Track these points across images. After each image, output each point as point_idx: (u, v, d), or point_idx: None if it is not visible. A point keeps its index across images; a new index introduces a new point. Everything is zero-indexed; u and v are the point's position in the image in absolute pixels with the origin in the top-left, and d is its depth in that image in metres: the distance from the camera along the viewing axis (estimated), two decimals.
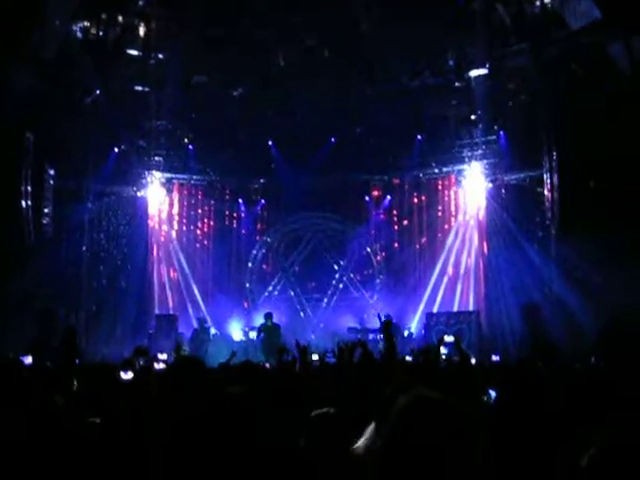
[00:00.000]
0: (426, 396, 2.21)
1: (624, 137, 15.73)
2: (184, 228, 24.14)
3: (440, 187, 23.43)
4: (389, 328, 6.34)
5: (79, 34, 19.66)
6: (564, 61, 18.43)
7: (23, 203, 18.35)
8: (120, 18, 20.46)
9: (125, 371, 7.45)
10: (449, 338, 12.36)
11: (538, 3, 18.86)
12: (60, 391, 5.86)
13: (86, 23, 19.89)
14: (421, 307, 22.21)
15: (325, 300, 24.19)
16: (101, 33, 20.18)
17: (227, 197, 24.59)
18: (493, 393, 6.05)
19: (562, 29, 18.05)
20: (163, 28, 20.59)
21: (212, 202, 24.42)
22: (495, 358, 15.74)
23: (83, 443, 4.11)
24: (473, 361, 9.97)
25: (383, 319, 6.46)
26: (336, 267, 24.38)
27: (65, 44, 18.77)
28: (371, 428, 3.88)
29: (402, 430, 2.11)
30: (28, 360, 8.73)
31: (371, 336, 20.24)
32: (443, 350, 11.71)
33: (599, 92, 16.46)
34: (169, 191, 23.77)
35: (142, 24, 20.72)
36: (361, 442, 3.78)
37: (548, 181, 19.43)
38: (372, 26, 20.00)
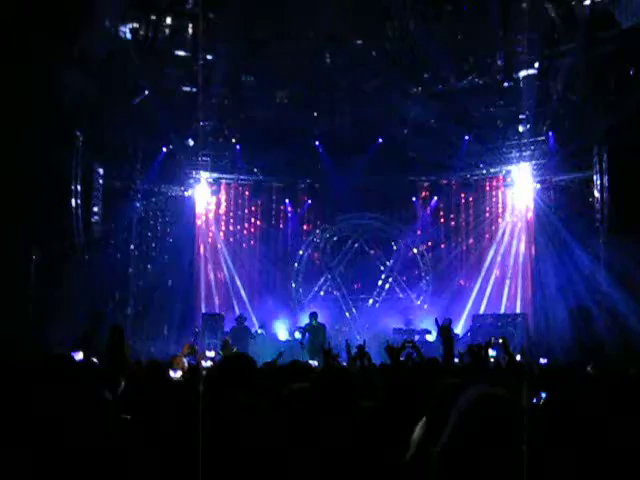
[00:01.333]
0: (490, 392, 2.21)
1: None
2: (231, 228, 24.26)
3: (488, 188, 23.27)
4: (448, 332, 6.33)
5: (128, 35, 19.86)
6: (615, 60, 18.17)
7: (73, 202, 18.55)
8: (168, 19, 20.63)
9: (174, 370, 7.51)
10: (498, 340, 12.26)
11: (588, 2, 18.58)
12: (108, 388, 5.93)
13: (135, 24, 20.09)
14: (467, 308, 22.06)
15: (371, 301, 24.16)
16: (150, 34, 20.36)
17: (274, 197, 24.65)
18: (544, 395, 6.00)
19: (612, 28, 17.79)
20: (211, 29, 20.70)
21: (259, 202, 24.51)
22: (543, 361, 15.56)
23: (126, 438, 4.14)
24: (520, 362, 9.90)
25: (441, 323, 6.45)
26: (382, 268, 24.33)
27: (114, 45, 18.99)
28: (421, 425, 3.86)
29: (469, 423, 2.10)
30: (79, 356, 8.81)
31: (417, 337, 20.16)
32: (492, 352, 11.61)
33: None
34: (216, 191, 23.89)
35: (190, 25, 20.86)
36: (415, 437, 3.76)
37: (598, 182, 19.12)
38: (419, 26, 19.91)
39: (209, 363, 13.20)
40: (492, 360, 9.98)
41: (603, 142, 18.85)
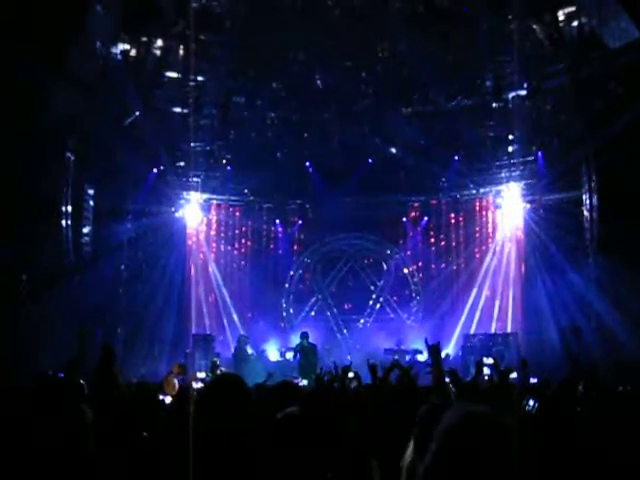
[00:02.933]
0: (474, 411, 2.19)
1: None
2: (221, 248, 24.25)
3: (477, 208, 23.35)
4: (437, 353, 6.32)
5: (119, 56, 19.89)
6: (602, 81, 18.27)
7: (63, 223, 18.53)
8: (160, 41, 20.69)
9: (165, 395, 7.47)
10: (488, 360, 12.24)
11: (575, 23, 18.74)
12: (97, 410, 5.89)
13: (126, 46, 20.14)
14: (458, 328, 22.04)
15: (362, 321, 24.14)
16: (141, 56, 20.43)
17: (264, 218, 24.69)
18: (532, 402, 6.01)
19: (600, 49, 17.93)
20: (202, 50, 20.77)
21: (249, 223, 24.53)
22: (533, 380, 15.50)
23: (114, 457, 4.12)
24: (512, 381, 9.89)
25: (430, 344, 6.42)
26: (373, 288, 24.33)
27: (106, 66, 19.02)
28: (410, 450, 3.85)
29: (452, 444, 2.08)
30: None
31: (407, 357, 20.10)
32: (486, 371, 11.60)
33: (637, 111, 16.27)
34: (207, 211, 23.91)
35: (181, 47, 20.92)
36: (406, 458, 3.76)
37: (587, 202, 19.23)
38: (409, 47, 20.02)
39: (200, 384, 13.15)
40: (486, 379, 10.00)
41: (592, 162, 18.95)
